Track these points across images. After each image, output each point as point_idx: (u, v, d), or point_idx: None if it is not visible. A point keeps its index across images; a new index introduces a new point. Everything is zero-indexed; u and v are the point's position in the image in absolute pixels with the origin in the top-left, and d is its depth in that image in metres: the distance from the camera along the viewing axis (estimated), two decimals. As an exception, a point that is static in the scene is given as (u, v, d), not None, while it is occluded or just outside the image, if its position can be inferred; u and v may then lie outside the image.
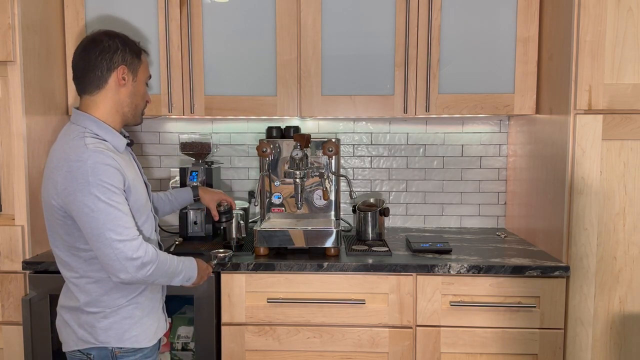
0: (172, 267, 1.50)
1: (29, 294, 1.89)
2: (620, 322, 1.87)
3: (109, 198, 1.38)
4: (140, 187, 1.52)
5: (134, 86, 1.54)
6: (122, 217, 1.39)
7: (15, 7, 1.85)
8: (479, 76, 2.12)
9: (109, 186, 1.38)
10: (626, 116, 1.81)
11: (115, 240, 1.37)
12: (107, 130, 1.49)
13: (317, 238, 1.98)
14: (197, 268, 1.60)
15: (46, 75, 2.04)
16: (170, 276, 1.51)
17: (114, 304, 1.49)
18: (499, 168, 2.51)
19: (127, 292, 1.51)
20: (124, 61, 1.50)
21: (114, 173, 1.40)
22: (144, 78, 1.58)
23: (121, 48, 1.51)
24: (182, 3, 2.12)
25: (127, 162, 1.52)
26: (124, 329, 1.50)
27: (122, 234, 1.38)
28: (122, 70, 1.50)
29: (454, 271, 1.87)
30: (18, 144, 1.90)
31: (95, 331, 1.49)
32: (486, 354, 1.91)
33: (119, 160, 1.44)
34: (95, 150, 1.40)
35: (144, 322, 1.54)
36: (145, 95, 1.60)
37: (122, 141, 1.51)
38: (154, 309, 1.59)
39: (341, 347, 1.92)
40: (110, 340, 1.49)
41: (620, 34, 1.80)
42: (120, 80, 1.50)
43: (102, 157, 1.39)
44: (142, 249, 1.40)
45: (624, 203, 1.84)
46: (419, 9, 2.09)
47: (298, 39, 2.13)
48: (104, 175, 1.38)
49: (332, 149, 2.09)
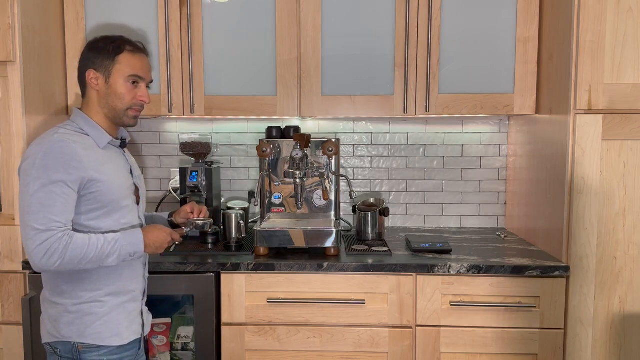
0: (95, 252, 1.45)
1: (29, 294, 1.89)
2: (620, 322, 1.87)
3: (44, 184, 1.41)
4: (117, 184, 1.54)
5: (107, 88, 1.55)
6: (49, 206, 1.41)
7: (15, 7, 1.85)
8: (479, 76, 2.12)
9: (51, 173, 1.41)
10: (626, 116, 1.81)
11: (31, 227, 1.41)
12: (93, 126, 1.55)
13: (317, 238, 1.98)
14: (143, 241, 1.52)
15: (46, 75, 2.04)
16: (95, 261, 1.46)
17: (75, 296, 1.52)
18: (499, 168, 2.51)
19: (89, 287, 1.52)
20: (93, 64, 1.55)
21: (67, 162, 1.43)
22: (121, 79, 1.55)
23: (92, 51, 1.56)
24: (182, 3, 2.12)
25: (109, 158, 1.55)
26: (85, 324, 1.52)
27: (39, 222, 1.40)
28: (92, 73, 1.55)
29: (454, 271, 1.87)
30: (18, 144, 1.90)
31: (59, 325, 1.53)
32: (486, 354, 1.91)
33: (92, 154, 1.49)
34: (59, 139, 1.45)
35: (109, 319, 1.54)
36: (124, 96, 1.56)
37: (104, 138, 1.55)
38: (124, 309, 1.58)
39: (341, 347, 1.92)
40: (72, 335, 1.52)
41: (620, 34, 1.80)
42: (91, 83, 1.56)
43: (61, 145, 1.44)
44: (51, 240, 1.40)
45: (624, 203, 1.84)
46: (419, 9, 2.09)
47: (298, 39, 2.13)
48: (52, 161, 1.42)
49: (332, 149, 2.09)
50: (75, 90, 2.17)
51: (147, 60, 1.62)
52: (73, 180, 1.44)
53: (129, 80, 1.56)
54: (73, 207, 1.46)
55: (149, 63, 1.64)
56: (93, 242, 1.45)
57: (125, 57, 1.56)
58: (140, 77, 1.58)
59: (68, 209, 1.45)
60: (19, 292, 1.93)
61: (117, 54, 1.55)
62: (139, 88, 1.59)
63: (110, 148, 1.59)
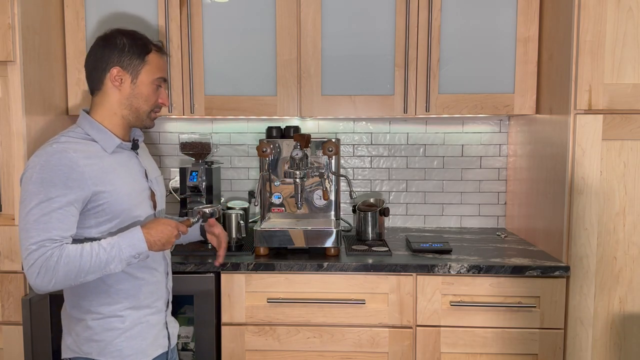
0: (91, 261, 1.33)
1: (29, 294, 1.89)
2: (620, 322, 1.87)
3: (40, 200, 1.32)
4: (126, 191, 1.44)
5: (133, 88, 1.46)
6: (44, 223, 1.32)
7: (15, 7, 1.85)
8: (479, 76, 2.12)
9: (48, 187, 1.32)
10: (626, 116, 1.81)
11: (25, 247, 1.32)
12: (100, 130, 1.45)
13: (317, 238, 1.98)
14: (144, 239, 1.37)
15: (46, 75, 2.04)
16: (95, 271, 1.34)
17: (95, 311, 1.44)
18: (499, 168, 2.51)
19: (107, 301, 1.44)
20: (119, 62, 1.44)
21: (65, 175, 1.34)
22: (148, 80, 1.48)
23: (118, 48, 1.44)
24: (182, 3, 2.12)
25: (118, 164, 1.45)
26: (106, 341, 1.44)
27: (32, 241, 1.31)
28: (116, 71, 1.44)
29: (454, 271, 1.87)
30: (18, 144, 1.90)
31: (80, 340, 1.45)
32: (486, 354, 1.91)
33: (97, 162, 1.40)
34: (57, 150, 1.35)
35: (131, 335, 1.46)
36: (149, 97, 1.49)
37: (112, 142, 1.45)
38: (147, 323, 1.50)
39: (341, 347, 1.92)
40: (92, 352, 1.44)
41: (620, 34, 1.80)
42: (114, 82, 1.45)
43: (59, 157, 1.34)
44: (41, 259, 1.30)
45: (624, 203, 1.84)
46: (419, 9, 2.09)
47: (298, 39, 2.13)
48: (49, 175, 1.33)
49: (332, 149, 2.09)
50: (75, 91, 2.16)
51: (166, 62, 1.56)
52: (72, 195, 1.34)
53: (156, 82, 1.50)
54: (72, 222, 1.36)
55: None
56: (87, 251, 1.33)
57: (154, 58, 1.49)
58: (165, 79, 1.52)
59: (65, 224, 1.34)
60: (19, 292, 1.93)
61: (146, 54, 1.47)
62: (161, 90, 1.53)
63: (120, 152, 1.49)
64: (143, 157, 1.59)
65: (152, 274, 1.51)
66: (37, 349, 1.88)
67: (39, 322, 1.89)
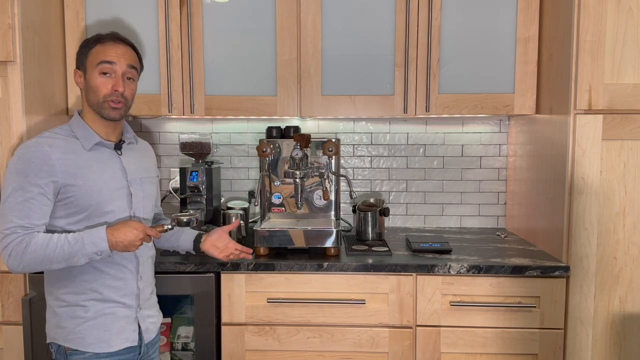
0: (56, 252, 1.41)
1: (29, 294, 1.89)
2: (620, 322, 1.87)
3: (14, 189, 1.43)
4: (97, 188, 1.50)
5: (86, 83, 1.55)
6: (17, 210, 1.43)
7: (15, 7, 1.85)
8: (479, 76, 2.12)
9: (21, 177, 1.44)
10: (626, 116, 1.81)
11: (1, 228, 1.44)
12: (83, 128, 1.55)
13: (317, 238, 1.98)
14: (106, 239, 1.42)
15: (46, 75, 2.04)
16: (61, 260, 1.43)
17: (61, 298, 1.53)
18: (499, 168, 2.51)
19: (73, 291, 1.52)
20: (76, 63, 1.58)
21: (37, 167, 1.44)
22: (92, 70, 1.52)
23: (78, 51, 1.57)
24: (182, 3, 2.12)
25: (95, 161, 1.53)
26: (69, 328, 1.52)
27: (6, 226, 1.43)
28: (75, 73, 1.57)
29: (454, 271, 1.87)
30: (18, 144, 1.90)
31: (49, 326, 1.56)
32: (486, 354, 1.91)
33: (72, 158, 1.49)
34: (34, 144, 1.47)
35: (94, 325, 1.52)
36: (98, 88, 1.51)
37: (91, 140, 1.54)
38: (113, 315, 1.54)
39: (341, 347, 1.92)
40: (58, 338, 1.54)
41: (620, 34, 1.80)
42: (77, 83, 1.57)
43: (34, 150, 1.45)
44: (12, 244, 1.42)
45: (624, 203, 1.84)
46: (419, 9, 2.09)
47: (298, 39, 2.13)
48: (23, 166, 1.44)
49: (332, 149, 2.09)
50: (75, 90, 2.17)
51: (122, 47, 1.54)
52: (43, 184, 1.44)
53: (99, 70, 1.51)
54: (44, 211, 1.46)
55: (129, 51, 1.56)
56: (53, 242, 1.42)
57: (96, 49, 1.53)
58: (107, 61, 1.51)
59: (37, 213, 1.44)
60: (19, 292, 1.93)
61: (90, 48, 1.54)
62: (114, 78, 1.52)
63: (100, 150, 1.55)
64: (132, 157, 1.63)
65: (120, 269, 1.56)
66: (37, 349, 1.88)
67: (39, 322, 1.89)
